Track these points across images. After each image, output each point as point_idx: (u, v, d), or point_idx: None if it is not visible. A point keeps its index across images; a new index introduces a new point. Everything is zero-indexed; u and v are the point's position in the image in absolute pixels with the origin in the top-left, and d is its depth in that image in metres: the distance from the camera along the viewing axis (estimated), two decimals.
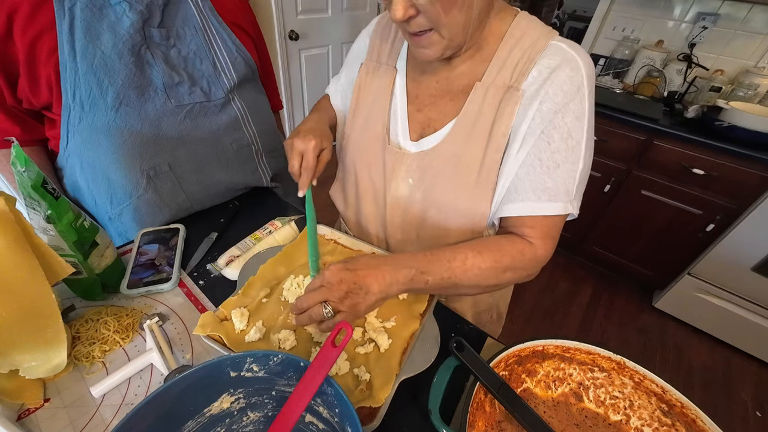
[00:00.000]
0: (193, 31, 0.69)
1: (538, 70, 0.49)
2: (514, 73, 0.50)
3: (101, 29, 0.59)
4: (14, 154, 0.43)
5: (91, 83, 0.60)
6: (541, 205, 0.50)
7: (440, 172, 0.56)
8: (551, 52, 0.49)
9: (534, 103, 0.49)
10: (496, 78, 0.51)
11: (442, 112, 0.56)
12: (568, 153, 0.49)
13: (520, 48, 0.50)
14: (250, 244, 0.68)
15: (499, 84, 0.51)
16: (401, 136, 0.60)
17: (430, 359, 0.48)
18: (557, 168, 0.49)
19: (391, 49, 0.63)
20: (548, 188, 0.50)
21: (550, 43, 0.49)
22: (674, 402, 0.45)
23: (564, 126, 0.48)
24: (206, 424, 0.39)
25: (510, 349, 0.47)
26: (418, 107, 0.59)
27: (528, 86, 0.49)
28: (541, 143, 0.49)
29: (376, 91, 0.63)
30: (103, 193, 0.70)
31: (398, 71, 0.61)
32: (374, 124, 0.62)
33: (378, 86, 0.63)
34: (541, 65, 0.49)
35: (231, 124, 0.79)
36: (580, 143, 0.49)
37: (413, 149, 0.58)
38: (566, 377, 0.50)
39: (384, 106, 0.61)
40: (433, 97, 0.58)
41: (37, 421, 0.44)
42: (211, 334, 0.49)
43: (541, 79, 0.48)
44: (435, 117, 0.57)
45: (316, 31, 2.36)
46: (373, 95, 0.63)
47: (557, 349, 0.49)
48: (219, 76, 0.74)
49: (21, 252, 0.41)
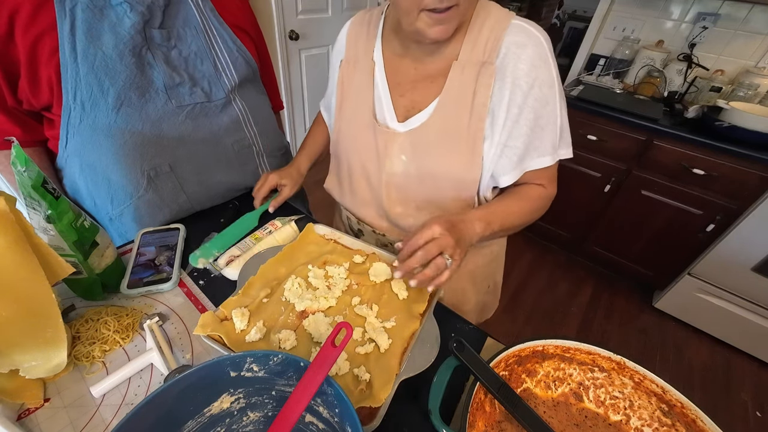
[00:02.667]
0: (194, 31, 0.69)
1: (506, 47, 0.56)
2: (485, 49, 0.57)
3: (102, 30, 0.59)
4: (14, 154, 0.43)
5: (92, 84, 0.60)
6: (535, 161, 0.60)
7: (431, 145, 0.61)
8: (515, 30, 0.56)
9: (507, 78, 0.56)
10: (471, 55, 0.57)
11: (424, 93, 0.62)
12: (548, 116, 0.58)
13: (487, 27, 0.57)
14: (250, 244, 0.68)
15: (474, 61, 0.57)
16: (389, 119, 0.64)
17: (430, 359, 0.48)
18: (542, 130, 0.58)
19: (366, 44, 0.68)
20: (537, 147, 0.59)
21: (512, 22, 0.56)
22: (674, 402, 0.45)
23: (541, 95, 0.56)
24: (206, 424, 0.39)
25: (510, 349, 0.47)
26: (400, 93, 0.64)
27: (501, 62, 0.56)
28: (527, 113, 0.57)
29: (358, 83, 0.67)
30: (104, 193, 0.70)
31: (376, 63, 0.66)
32: (361, 114, 0.67)
33: (360, 79, 0.67)
34: (508, 42, 0.56)
35: (232, 124, 0.79)
36: (555, 105, 0.58)
37: (402, 129, 0.63)
38: (566, 377, 0.50)
39: (368, 96, 0.66)
40: (413, 82, 0.63)
41: (37, 421, 0.44)
42: (211, 334, 0.49)
43: (511, 55, 0.55)
44: (418, 99, 0.62)
45: (316, 31, 2.36)
46: (356, 88, 0.68)
47: (557, 349, 0.49)
48: (220, 77, 0.74)
49: (21, 252, 0.41)
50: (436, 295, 0.58)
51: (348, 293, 0.57)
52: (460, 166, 0.60)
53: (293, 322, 0.52)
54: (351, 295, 0.57)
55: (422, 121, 0.61)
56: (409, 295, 0.57)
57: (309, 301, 0.54)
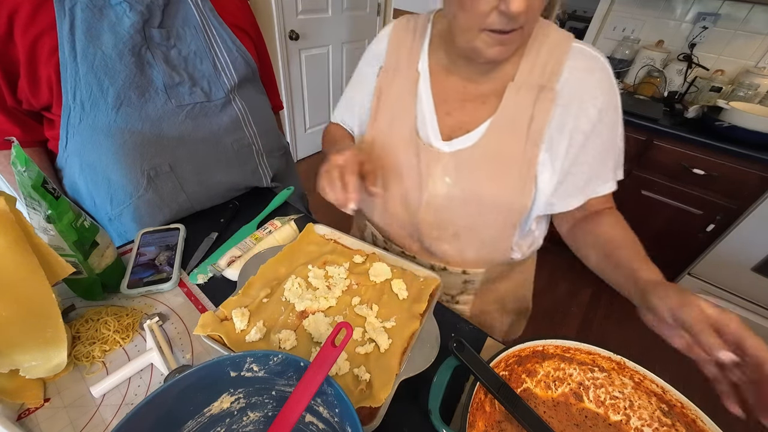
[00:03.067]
0: (194, 31, 0.69)
1: (569, 71, 0.53)
2: (545, 72, 0.54)
3: (102, 30, 0.59)
4: (14, 154, 0.43)
5: (91, 84, 0.60)
6: (601, 187, 0.58)
7: (480, 168, 0.58)
8: (577, 54, 0.53)
9: (572, 103, 0.53)
10: (528, 78, 0.55)
11: (474, 114, 0.58)
12: (613, 141, 0.57)
13: (546, 48, 0.54)
14: (250, 244, 0.68)
15: (531, 83, 0.54)
16: (432, 137, 0.60)
17: (430, 359, 0.48)
18: (607, 154, 0.57)
19: (410, 53, 0.63)
20: (601, 174, 0.58)
21: (573, 45, 0.54)
22: (674, 402, 0.45)
23: (609, 120, 0.55)
24: (206, 424, 0.39)
25: (510, 350, 0.47)
26: (447, 111, 0.60)
27: (562, 86, 0.53)
28: (594, 139, 0.55)
29: (398, 94, 0.63)
30: (103, 193, 0.70)
31: (421, 75, 0.62)
32: (400, 127, 0.63)
33: (400, 89, 0.63)
34: (571, 66, 0.53)
35: (231, 124, 0.79)
36: (619, 129, 0.57)
37: (446, 149, 0.59)
38: (566, 377, 0.50)
39: (410, 109, 0.62)
40: (462, 101, 0.59)
41: (37, 421, 0.44)
42: (211, 334, 0.49)
43: (575, 80, 0.53)
44: (466, 119, 0.59)
45: (316, 31, 2.36)
46: (395, 98, 0.63)
47: (557, 349, 0.49)
48: (219, 77, 0.74)
49: (21, 252, 0.41)
50: (436, 295, 0.58)
51: (348, 293, 0.57)
52: (510, 192, 0.57)
53: (293, 322, 0.52)
54: (351, 295, 0.57)
55: (471, 143, 0.57)
56: (409, 295, 0.57)
57: (309, 301, 0.54)
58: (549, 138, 0.55)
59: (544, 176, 0.56)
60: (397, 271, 0.61)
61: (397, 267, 0.62)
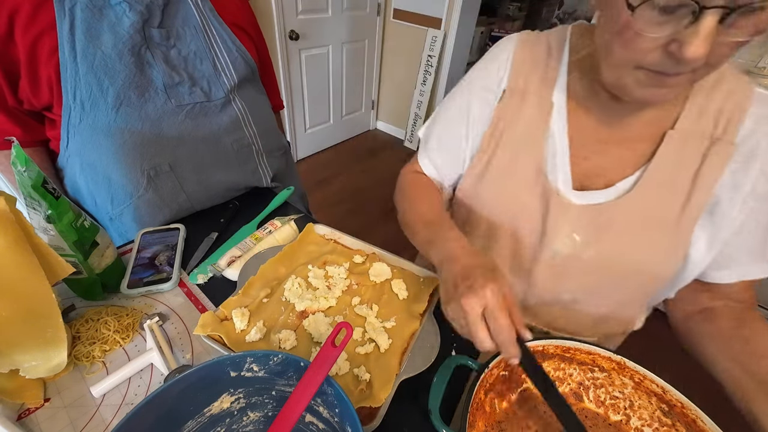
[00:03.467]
0: (193, 31, 0.69)
1: (755, 122, 0.44)
2: (719, 122, 0.45)
3: (101, 30, 0.59)
4: (14, 153, 0.43)
5: (91, 84, 0.60)
6: (757, 268, 0.48)
7: (626, 230, 0.49)
8: (763, 101, 0.44)
9: (755, 162, 0.44)
10: (695, 126, 0.46)
11: (617, 161, 0.49)
12: None
13: (721, 93, 0.45)
14: (250, 244, 0.68)
15: (699, 133, 0.45)
16: (561, 183, 0.52)
17: (430, 359, 0.48)
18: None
19: (542, 78, 0.52)
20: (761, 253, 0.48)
21: (756, 91, 0.45)
22: (674, 402, 0.45)
23: None
24: (206, 424, 0.39)
25: None
26: (584, 154, 0.51)
27: (743, 140, 0.44)
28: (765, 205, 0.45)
29: (525, 126, 0.53)
30: (104, 193, 0.70)
31: (555, 106, 0.52)
32: (524, 167, 0.53)
33: (528, 120, 0.53)
34: (755, 115, 0.44)
35: (231, 124, 0.79)
36: None
37: (578, 200, 0.50)
38: (566, 377, 0.50)
39: (538, 146, 0.52)
40: (602, 143, 0.50)
41: (37, 421, 0.44)
42: (211, 334, 0.49)
43: (762, 134, 0.44)
44: (607, 166, 0.50)
45: (316, 31, 2.36)
46: (522, 130, 0.53)
47: (557, 349, 0.49)
48: (219, 76, 0.74)
49: (21, 252, 0.41)
50: (436, 295, 0.58)
51: (348, 293, 0.57)
52: (656, 259, 0.49)
53: (293, 322, 0.52)
54: (351, 295, 0.57)
55: (613, 197, 0.49)
56: (409, 295, 0.57)
57: (309, 301, 0.54)
58: (715, 200, 0.46)
59: (699, 244, 0.48)
60: (397, 271, 0.61)
61: (397, 267, 0.62)
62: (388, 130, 3.32)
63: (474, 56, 3.12)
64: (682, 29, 0.33)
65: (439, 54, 2.60)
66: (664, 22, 0.34)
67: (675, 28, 0.33)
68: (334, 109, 2.87)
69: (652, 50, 0.36)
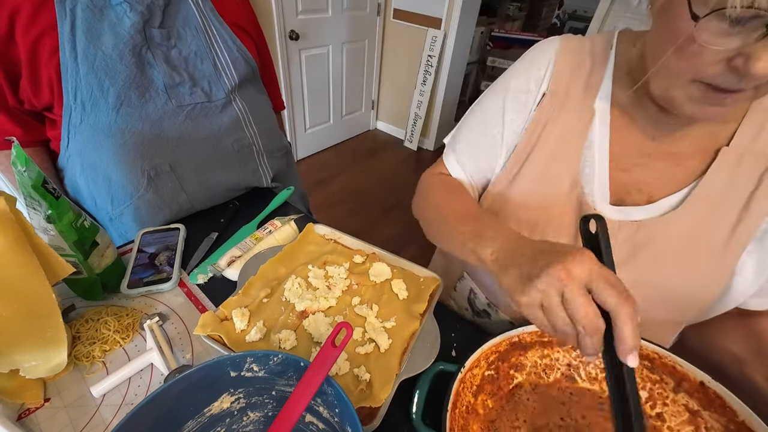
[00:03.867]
0: (194, 31, 0.70)
1: None
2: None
3: (102, 30, 0.59)
4: (14, 153, 0.43)
5: (92, 84, 0.60)
6: None
7: (667, 252, 0.46)
8: None
9: None
10: (753, 145, 0.42)
11: (662, 177, 0.46)
12: None
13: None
14: (250, 244, 0.68)
15: (756, 152, 0.42)
16: (598, 196, 0.48)
17: (430, 359, 0.48)
18: None
19: (586, 83, 0.49)
20: None
21: None
22: (652, 355, 0.46)
23: None
24: (206, 424, 0.39)
25: (485, 345, 0.46)
26: (624, 166, 0.48)
27: None
28: None
29: (562, 133, 0.50)
30: (104, 193, 0.70)
31: (597, 113, 0.49)
32: (558, 175, 0.50)
33: (566, 126, 0.50)
34: None
35: (232, 124, 0.79)
36: None
37: (615, 216, 0.47)
38: (554, 363, 0.50)
39: (574, 155, 0.49)
40: (646, 156, 0.47)
41: (38, 421, 0.44)
42: (211, 334, 0.49)
43: None
44: (649, 182, 0.47)
45: (316, 31, 2.37)
46: (558, 136, 0.50)
47: (533, 335, 0.49)
48: (220, 77, 0.74)
49: (21, 252, 0.41)
50: (436, 294, 0.58)
51: (348, 293, 0.57)
52: (695, 284, 0.46)
53: (293, 322, 0.52)
54: (351, 295, 0.57)
55: (656, 214, 0.46)
56: (409, 295, 0.57)
57: (309, 301, 0.54)
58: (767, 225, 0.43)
59: (745, 271, 0.44)
60: (397, 271, 0.61)
61: (397, 267, 0.62)
62: (388, 130, 3.33)
63: (474, 56, 3.12)
64: (752, 42, 0.30)
65: (439, 54, 2.60)
66: (731, 34, 0.31)
67: (744, 41, 0.30)
68: (334, 109, 2.87)
69: (713, 64, 0.33)
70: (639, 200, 0.47)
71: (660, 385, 0.46)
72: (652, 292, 0.47)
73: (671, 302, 0.48)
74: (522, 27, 3.53)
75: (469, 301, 0.65)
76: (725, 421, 0.41)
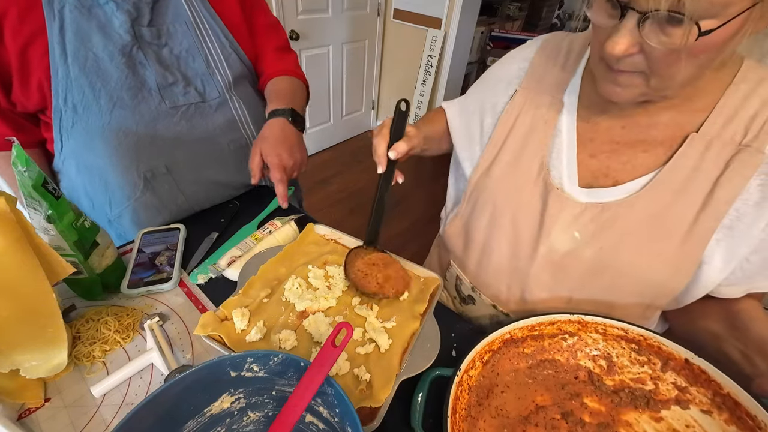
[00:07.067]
0: (185, 27, 0.68)
1: None
2: (750, 128, 0.42)
3: (91, 30, 0.59)
4: (15, 153, 0.43)
5: (83, 86, 0.60)
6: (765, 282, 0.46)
7: (630, 232, 0.47)
8: None
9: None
10: (721, 132, 0.43)
11: (630, 162, 0.48)
12: None
13: (758, 98, 0.42)
14: (250, 245, 0.68)
15: (725, 139, 0.43)
16: (566, 180, 0.52)
17: (431, 359, 0.48)
18: None
19: (558, 78, 0.54)
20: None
21: None
22: (638, 338, 0.47)
23: None
24: (206, 424, 0.39)
25: (479, 345, 0.46)
26: (591, 152, 0.51)
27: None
28: None
29: (532, 123, 0.55)
30: (101, 195, 0.70)
31: (565, 105, 0.53)
32: (528, 162, 0.54)
33: (536, 118, 0.55)
34: None
35: (228, 124, 0.78)
36: None
37: (583, 198, 0.50)
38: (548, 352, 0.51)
39: (543, 143, 0.53)
40: (615, 144, 0.50)
41: (38, 421, 0.44)
42: (211, 334, 0.49)
43: None
44: (616, 167, 0.49)
45: (316, 31, 2.36)
46: (528, 127, 0.55)
47: (524, 330, 0.49)
48: (213, 75, 0.73)
49: (22, 252, 0.41)
50: (437, 295, 0.58)
51: (348, 293, 0.57)
52: (662, 269, 0.47)
53: (293, 322, 0.52)
54: (351, 295, 0.57)
55: (621, 197, 0.47)
56: (409, 295, 0.57)
57: (309, 301, 0.54)
58: (736, 213, 0.43)
59: (714, 260, 0.45)
60: None
61: None
62: None
63: (474, 56, 3.12)
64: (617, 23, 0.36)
65: (439, 54, 2.60)
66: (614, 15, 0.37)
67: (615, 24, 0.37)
68: (334, 109, 2.87)
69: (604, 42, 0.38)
70: (605, 184, 0.50)
71: (648, 365, 0.47)
72: (615, 274, 0.50)
73: (639, 286, 0.50)
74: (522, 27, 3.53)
75: (456, 289, 0.69)
76: (711, 394, 0.43)
